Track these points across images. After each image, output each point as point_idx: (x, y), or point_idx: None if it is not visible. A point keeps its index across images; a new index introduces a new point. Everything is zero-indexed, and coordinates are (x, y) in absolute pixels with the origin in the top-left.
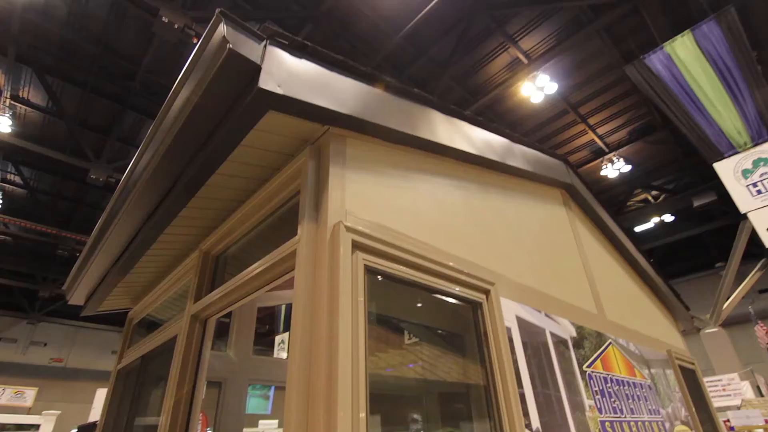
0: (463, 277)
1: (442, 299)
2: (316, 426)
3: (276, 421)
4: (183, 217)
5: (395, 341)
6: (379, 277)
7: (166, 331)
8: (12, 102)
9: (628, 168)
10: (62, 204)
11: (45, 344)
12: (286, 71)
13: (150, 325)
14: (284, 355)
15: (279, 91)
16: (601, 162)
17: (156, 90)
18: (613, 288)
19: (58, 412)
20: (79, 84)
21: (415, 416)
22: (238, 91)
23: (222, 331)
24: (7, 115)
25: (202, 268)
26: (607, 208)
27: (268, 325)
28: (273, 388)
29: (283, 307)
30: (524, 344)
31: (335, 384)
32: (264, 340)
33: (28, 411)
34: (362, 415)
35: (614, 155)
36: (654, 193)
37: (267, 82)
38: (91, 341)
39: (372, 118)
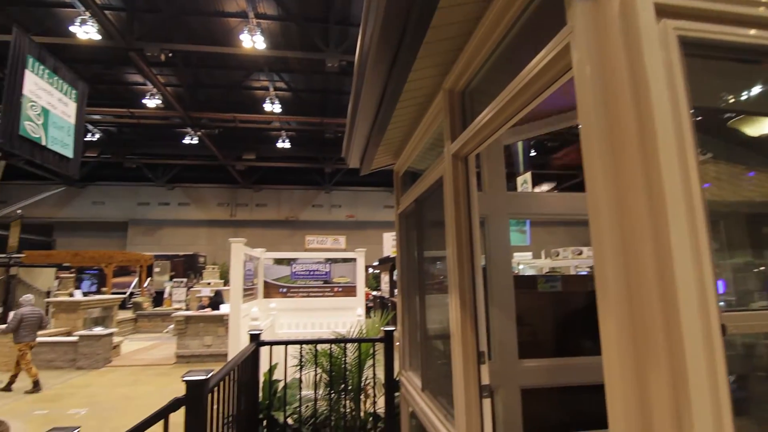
0: None
1: None
2: (643, 255)
3: (530, 253)
4: (422, 58)
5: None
6: (698, 57)
7: (431, 174)
8: (257, 21)
9: None
10: (316, 96)
11: (340, 206)
12: None
13: (412, 176)
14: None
15: None
16: None
17: None
18: None
19: (365, 249)
20: None
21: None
22: None
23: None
24: (259, 33)
25: (451, 106)
26: None
27: (507, 168)
28: (528, 222)
29: (520, 146)
30: None
31: (663, 209)
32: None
33: (344, 250)
34: (702, 237)
35: None
36: None
37: None
38: (369, 200)
39: None
